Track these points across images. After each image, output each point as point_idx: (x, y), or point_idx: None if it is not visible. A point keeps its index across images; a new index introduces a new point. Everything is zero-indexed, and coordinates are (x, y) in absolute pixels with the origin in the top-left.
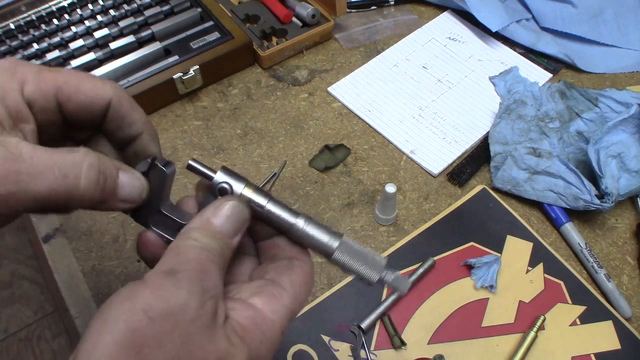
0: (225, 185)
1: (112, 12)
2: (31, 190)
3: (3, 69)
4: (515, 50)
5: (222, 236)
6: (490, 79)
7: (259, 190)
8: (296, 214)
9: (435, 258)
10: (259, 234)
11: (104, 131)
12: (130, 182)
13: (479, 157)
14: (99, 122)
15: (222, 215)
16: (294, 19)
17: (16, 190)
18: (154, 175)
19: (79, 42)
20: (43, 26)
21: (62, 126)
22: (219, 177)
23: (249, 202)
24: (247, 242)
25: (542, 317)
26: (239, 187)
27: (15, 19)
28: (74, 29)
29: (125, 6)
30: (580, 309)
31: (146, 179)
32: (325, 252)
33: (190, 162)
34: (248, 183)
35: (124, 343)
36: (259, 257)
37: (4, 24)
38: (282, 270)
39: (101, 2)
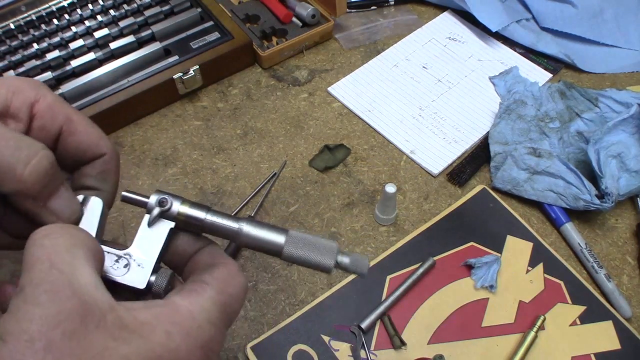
0: (165, 197)
1: (112, 12)
2: None
3: (29, 80)
4: (515, 50)
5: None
6: (490, 79)
7: (195, 204)
8: (237, 219)
9: (435, 258)
10: (178, 264)
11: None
12: (68, 200)
13: (479, 157)
14: (79, 167)
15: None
16: (294, 19)
17: None
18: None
19: (79, 42)
20: (43, 26)
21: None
22: (155, 195)
23: (188, 218)
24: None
25: (542, 317)
26: (175, 204)
27: (15, 19)
28: (74, 29)
29: (125, 6)
30: (580, 309)
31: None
32: (275, 251)
33: (124, 193)
34: (184, 200)
35: None
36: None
37: (4, 24)
38: (202, 271)
39: (101, 2)
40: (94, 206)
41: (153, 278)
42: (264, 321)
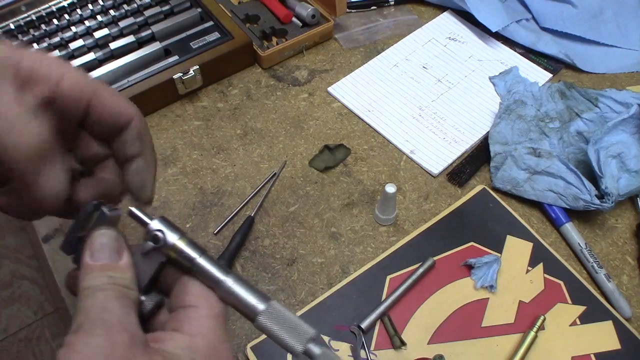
0: (159, 233)
1: (112, 12)
2: None
3: (55, 58)
4: (515, 50)
5: (105, 268)
6: (490, 79)
7: (192, 243)
8: (227, 272)
9: (435, 258)
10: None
11: (113, 144)
12: (60, 176)
13: (479, 157)
14: (113, 138)
15: (94, 250)
16: (294, 19)
17: None
18: (99, 218)
19: (79, 42)
20: (43, 26)
21: (78, 124)
22: (154, 225)
23: (180, 254)
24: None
25: (542, 317)
26: (172, 237)
27: (15, 19)
28: (74, 29)
29: (125, 6)
30: (580, 309)
31: (88, 219)
32: (250, 315)
33: (131, 208)
34: (182, 235)
35: None
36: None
37: (4, 24)
38: (181, 294)
39: (101, 2)
40: (101, 215)
41: (142, 298)
42: None
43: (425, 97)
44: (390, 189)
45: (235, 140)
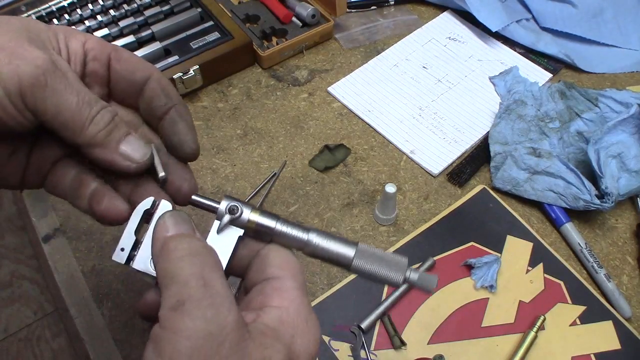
0: (236, 203)
1: (112, 12)
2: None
3: (72, 29)
4: (515, 50)
5: (190, 237)
6: (490, 79)
7: (265, 212)
8: (306, 229)
9: (435, 258)
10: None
11: (141, 109)
12: (137, 145)
13: (479, 157)
14: (137, 95)
15: (171, 226)
16: (294, 19)
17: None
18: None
19: None
20: None
21: (107, 86)
22: (226, 201)
23: (258, 224)
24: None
25: (542, 317)
26: (246, 212)
27: None
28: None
29: (125, 6)
30: (580, 309)
31: (143, 219)
32: (344, 263)
33: (193, 197)
34: (254, 207)
35: None
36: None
37: None
38: (262, 265)
39: (101, 2)
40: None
41: None
42: None
43: (425, 97)
44: (390, 189)
45: (235, 140)
